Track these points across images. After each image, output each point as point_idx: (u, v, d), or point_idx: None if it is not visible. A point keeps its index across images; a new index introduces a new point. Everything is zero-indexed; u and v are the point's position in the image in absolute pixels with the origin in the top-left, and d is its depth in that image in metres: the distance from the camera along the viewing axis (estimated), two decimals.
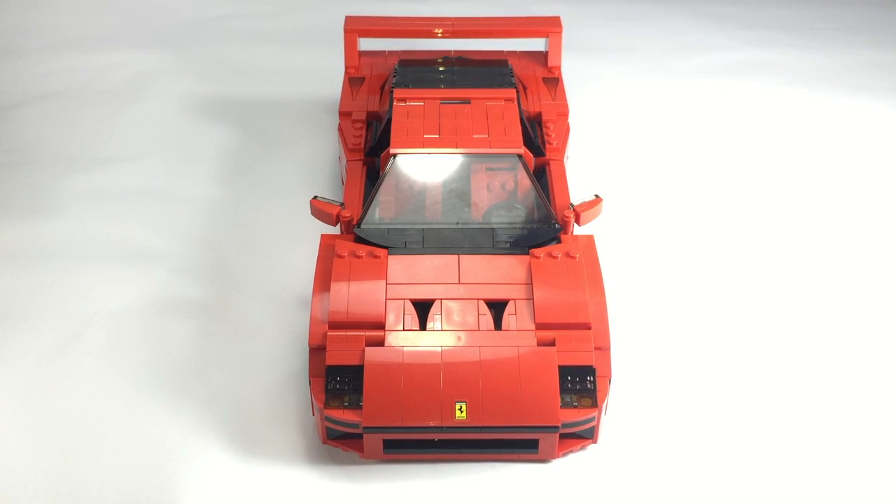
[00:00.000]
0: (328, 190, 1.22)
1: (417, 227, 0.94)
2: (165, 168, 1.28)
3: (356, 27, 1.29)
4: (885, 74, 1.58)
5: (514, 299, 0.86)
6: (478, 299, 0.86)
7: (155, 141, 1.35)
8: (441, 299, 0.86)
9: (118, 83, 1.51)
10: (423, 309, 0.86)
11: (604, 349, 0.84)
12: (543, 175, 1.08)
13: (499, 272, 0.88)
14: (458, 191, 0.97)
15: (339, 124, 1.18)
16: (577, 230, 0.97)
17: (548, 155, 1.10)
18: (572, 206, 0.97)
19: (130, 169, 1.28)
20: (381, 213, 0.95)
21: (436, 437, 0.81)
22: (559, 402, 0.80)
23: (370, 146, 1.11)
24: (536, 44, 1.34)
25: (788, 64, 1.61)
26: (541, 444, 0.83)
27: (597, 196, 0.98)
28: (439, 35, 1.29)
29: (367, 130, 1.16)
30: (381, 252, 0.89)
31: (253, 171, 1.27)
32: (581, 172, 1.24)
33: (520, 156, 0.98)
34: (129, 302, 1.03)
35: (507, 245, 0.92)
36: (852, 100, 1.49)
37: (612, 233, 1.13)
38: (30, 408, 0.89)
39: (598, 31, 1.71)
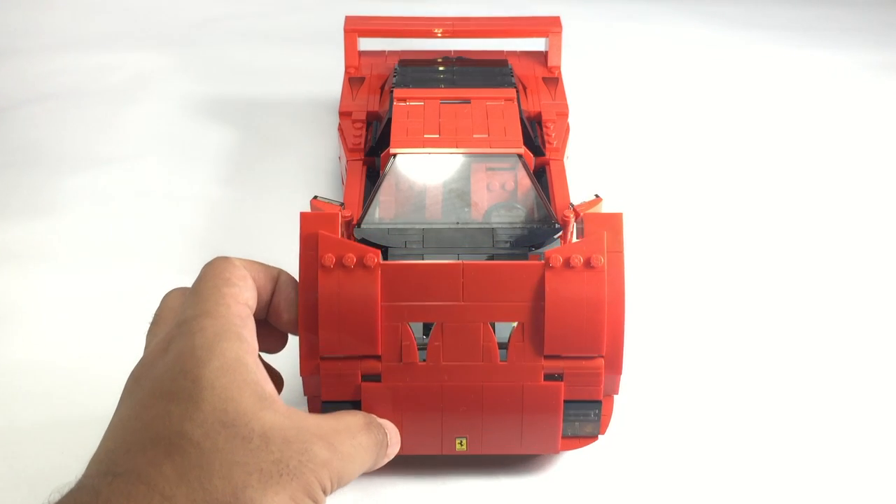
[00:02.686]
0: (328, 190, 1.22)
1: (417, 226, 0.93)
2: (165, 168, 1.28)
3: (356, 27, 1.29)
4: (886, 74, 1.58)
5: (523, 322, 0.77)
6: (482, 322, 0.77)
7: (155, 141, 1.35)
8: (442, 322, 0.77)
9: (118, 83, 1.51)
10: (422, 329, 0.82)
11: (615, 373, 0.79)
12: (543, 175, 1.07)
13: (507, 287, 0.77)
14: (458, 191, 0.96)
15: (339, 124, 1.18)
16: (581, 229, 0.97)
17: (548, 155, 1.10)
18: (572, 205, 0.96)
19: (130, 169, 1.28)
20: (381, 212, 0.95)
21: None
22: (561, 434, 0.80)
23: (370, 146, 1.11)
24: (536, 44, 1.33)
25: (789, 64, 1.61)
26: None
27: (597, 196, 0.98)
28: (439, 35, 1.29)
29: (367, 130, 1.16)
30: (371, 259, 0.77)
31: (253, 171, 1.27)
32: (581, 172, 1.24)
33: (520, 155, 0.97)
34: (129, 302, 1.03)
35: (507, 245, 0.91)
36: (852, 100, 1.49)
37: None
38: (30, 407, 0.89)
39: (598, 31, 1.71)
